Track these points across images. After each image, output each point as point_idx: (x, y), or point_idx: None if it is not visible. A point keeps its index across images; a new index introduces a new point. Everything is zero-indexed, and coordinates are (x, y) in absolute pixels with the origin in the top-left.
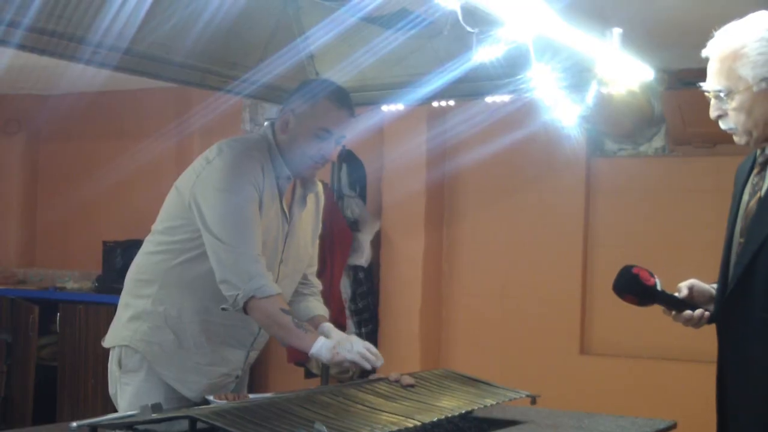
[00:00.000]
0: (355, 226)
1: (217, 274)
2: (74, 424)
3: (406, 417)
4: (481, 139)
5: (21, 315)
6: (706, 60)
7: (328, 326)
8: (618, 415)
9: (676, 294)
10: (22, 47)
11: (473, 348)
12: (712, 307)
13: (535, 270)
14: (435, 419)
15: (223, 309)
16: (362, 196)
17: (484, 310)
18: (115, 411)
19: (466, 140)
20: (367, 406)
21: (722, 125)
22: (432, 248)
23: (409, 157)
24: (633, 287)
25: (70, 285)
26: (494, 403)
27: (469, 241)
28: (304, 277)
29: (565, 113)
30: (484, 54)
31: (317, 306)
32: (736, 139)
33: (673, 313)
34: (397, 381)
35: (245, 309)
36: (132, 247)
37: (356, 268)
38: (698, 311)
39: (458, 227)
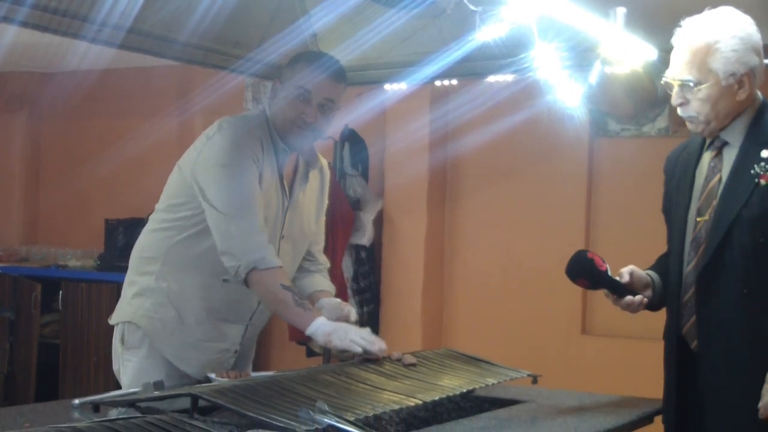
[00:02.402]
0: (357, 205)
1: (219, 246)
2: (77, 401)
3: (408, 396)
4: (484, 120)
5: (23, 293)
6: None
7: (328, 301)
8: (620, 395)
9: (618, 279)
10: (25, 24)
11: (475, 328)
12: (648, 293)
13: (537, 250)
14: (436, 398)
15: (224, 281)
16: (365, 175)
17: (486, 290)
18: (119, 388)
19: (468, 121)
20: (369, 385)
21: (681, 112)
22: (434, 228)
23: (411, 138)
24: (588, 271)
25: (73, 263)
26: (495, 382)
27: (471, 221)
28: (311, 254)
29: (568, 93)
30: (487, 33)
31: (322, 282)
32: (691, 126)
33: (615, 297)
34: (398, 360)
35: (246, 281)
36: (134, 225)
37: (358, 248)
38: (638, 297)
39: (460, 207)
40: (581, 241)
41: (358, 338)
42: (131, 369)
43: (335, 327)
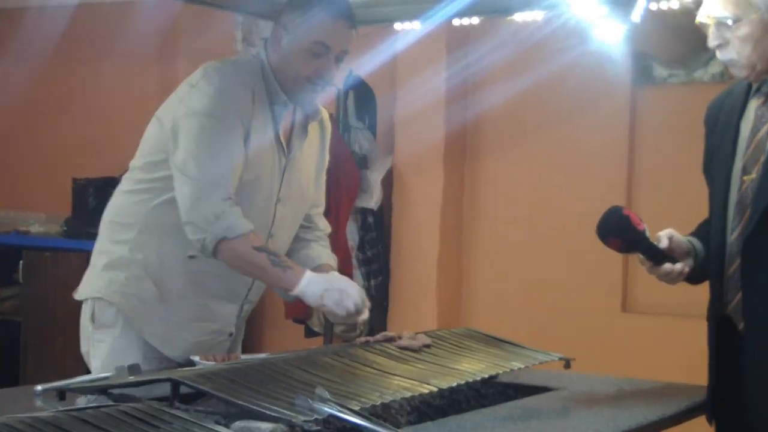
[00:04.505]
0: (363, 162)
1: (182, 214)
2: (39, 387)
3: (421, 381)
4: (510, 67)
5: None
6: None
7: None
8: (664, 382)
9: (656, 243)
10: None
11: (498, 304)
12: (689, 261)
13: (571, 216)
14: (454, 384)
15: (190, 257)
16: (372, 128)
17: (511, 261)
18: (88, 372)
19: (491, 68)
20: (376, 369)
21: (720, 55)
22: (452, 190)
23: (426, 86)
24: (622, 230)
25: (35, 229)
26: (522, 366)
27: (494, 182)
28: (308, 219)
29: (607, 34)
30: None
31: (322, 253)
32: (734, 71)
33: (651, 264)
34: (411, 340)
35: (215, 254)
36: (106, 185)
37: (364, 212)
38: (678, 265)
39: (482, 166)
40: (622, 204)
41: (352, 307)
42: (103, 351)
43: (327, 284)
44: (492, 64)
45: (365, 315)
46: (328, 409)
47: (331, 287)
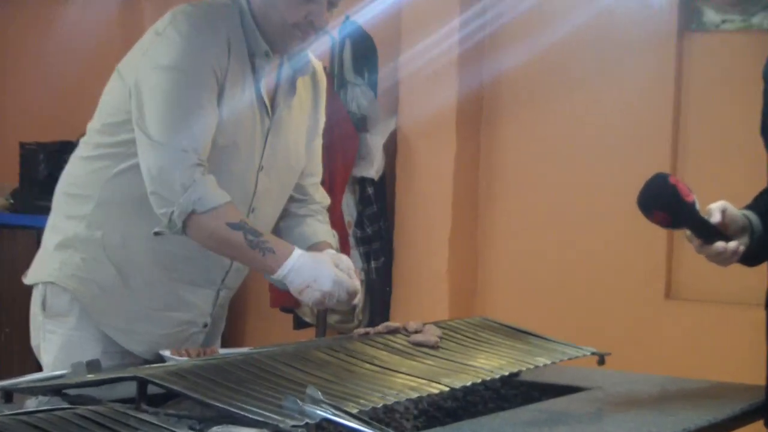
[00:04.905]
0: (362, 124)
1: (146, 184)
2: None
3: (430, 380)
4: (535, 15)
5: None
6: None
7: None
8: (714, 381)
9: (707, 217)
10: None
11: (520, 290)
12: (744, 239)
13: (605, 187)
14: (468, 383)
15: (156, 234)
16: (372, 85)
17: (535, 240)
18: (40, 369)
19: (512, 17)
20: (377, 366)
21: None
22: (466, 158)
23: (436, 34)
24: (668, 202)
25: None
26: (548, 363)
27: (515, 149)
28: (302, 191)
29: None
30: None
31: (318, 229)
32: None
33: (700, 242)
34: (417, 332)
35: (185, 231)
36: (61, 151)
37: (363, 182)
38: (732, 243)
39: (502, 131)
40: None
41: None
42: (56, 345)
43: (315, 270)
44: (513, 11)
45: (357, 300)
46: (321, 412)
47: (321, 272)
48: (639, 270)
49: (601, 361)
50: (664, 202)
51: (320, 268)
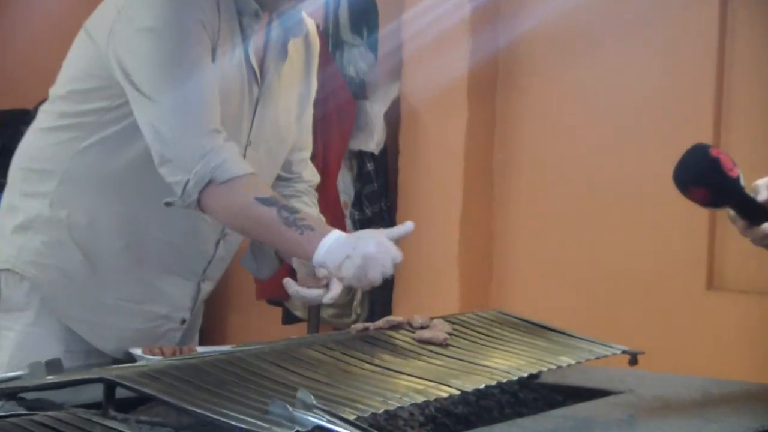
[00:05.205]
0: (360, 91)
1: (155, 152)
2: None
3: (438, 382)
4: None
5: None
6: None
7: None
8: (763, 384)
9: (753, 195)
10: None
11: (541, 279)
12: None
13: (637, 161)
14: (482, 386)
15: (167, 204)
16: (372, 45)
17: (559, 223)
18: None
19: None
20: (378, 366)
21: None
22: (479, 128)
23: None
24: (710, 176)
25: None
26: (573, 362)
27: (535, 118)
28: (288, 167)
29: None
30: None
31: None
32: None
33: (745, 223)
34: (423, 328)
35: (200, 204)
36: (17, 121)
37: (362, 156)
38: None
39: (519, 98)
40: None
41: (379, 276)
42: (12, 342)
43: (356, 239)
44: None
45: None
46: (314, 419)
47: (356, 248)
48: (677, 257)
49: (634, 361)
50: (703, 178)
51: (361, 235)
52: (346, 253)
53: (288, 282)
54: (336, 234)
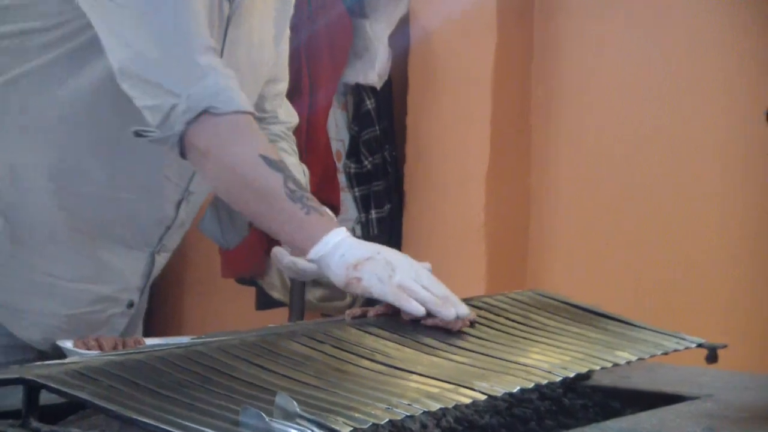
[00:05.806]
0: (358, 7)
1: (126, 74)
2: None
3: (458, 384)
4: None
5: None
6: None
7: None
8: None
9: None
10: None
11: (588, 253)
12: None
13: (712, 101)
14: (515, 389)
15: (136, 134)
16: None
17: (612, 181)
18: None
19: None
20: (380, 363)
21: None
22: (512, 58)
23: None
24: None
25: None
26: (634, 359)
27: (585, 45)
28: (260, 104)
29: None
30: None
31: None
32: None
33: None
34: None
35: (183, 143)
36: None
37: (360, 91)
38: None
39: (566, 19)
40: None
41: (415, 284)
42: None
43: (368, 250)
44: None
45: (463, 307)
46: (298, 431)
47: (375, 254)
48: (760, 228)
49: (712, 358)
50: None
51: (366, 245)
52: (369, 254)
53: (279, 252)
54: (340, 231)
